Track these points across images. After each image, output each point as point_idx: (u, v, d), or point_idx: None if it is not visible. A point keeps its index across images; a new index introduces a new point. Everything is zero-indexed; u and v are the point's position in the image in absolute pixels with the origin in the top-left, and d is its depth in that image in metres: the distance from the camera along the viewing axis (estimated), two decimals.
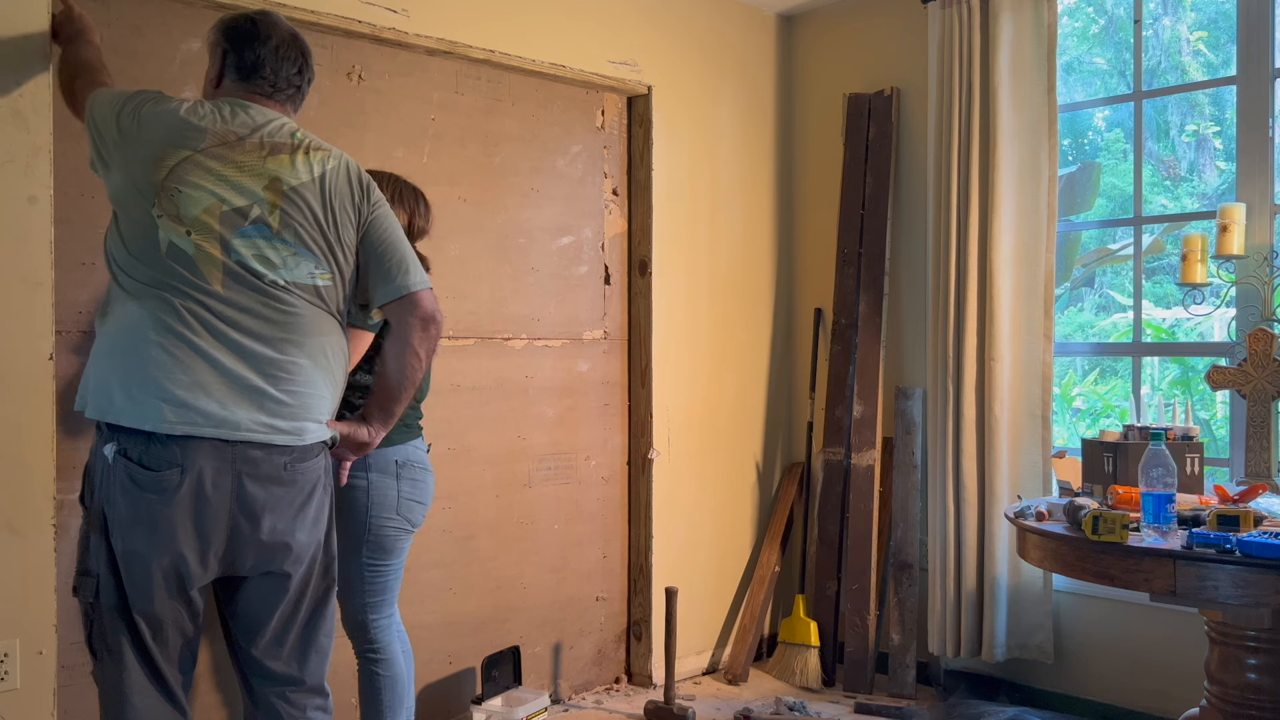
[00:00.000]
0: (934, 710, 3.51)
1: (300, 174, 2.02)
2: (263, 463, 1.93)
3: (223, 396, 1.89)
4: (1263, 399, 3.00)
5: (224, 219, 1.93)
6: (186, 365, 1.87)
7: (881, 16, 4.05)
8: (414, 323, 2.10)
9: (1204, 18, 6.30)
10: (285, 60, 2.10)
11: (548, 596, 3.65)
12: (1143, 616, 3.32)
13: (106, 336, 1.93)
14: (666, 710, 3.47)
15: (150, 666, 1.93)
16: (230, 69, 2.08)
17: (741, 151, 4.18)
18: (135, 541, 1.87)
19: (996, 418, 3.51)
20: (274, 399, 1.94)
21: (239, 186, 1.95)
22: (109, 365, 1.90)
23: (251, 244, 1.94)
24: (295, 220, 1.99)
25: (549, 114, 3.63)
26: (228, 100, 2.05)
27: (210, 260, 1.91)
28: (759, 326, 4.25)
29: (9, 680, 2.39)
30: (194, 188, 1.91)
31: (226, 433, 1.88)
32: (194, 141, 1.94)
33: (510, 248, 3.52)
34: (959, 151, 3.63)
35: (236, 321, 1.92)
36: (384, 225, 2.13)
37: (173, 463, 1.85)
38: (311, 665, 2.10)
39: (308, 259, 2.01)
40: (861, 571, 3.88)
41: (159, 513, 1.86)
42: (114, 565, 1.89)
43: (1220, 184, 6.27)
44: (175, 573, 1.90)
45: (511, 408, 3.53)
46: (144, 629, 1.91)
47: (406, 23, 3.14)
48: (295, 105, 2.15)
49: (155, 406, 1.85)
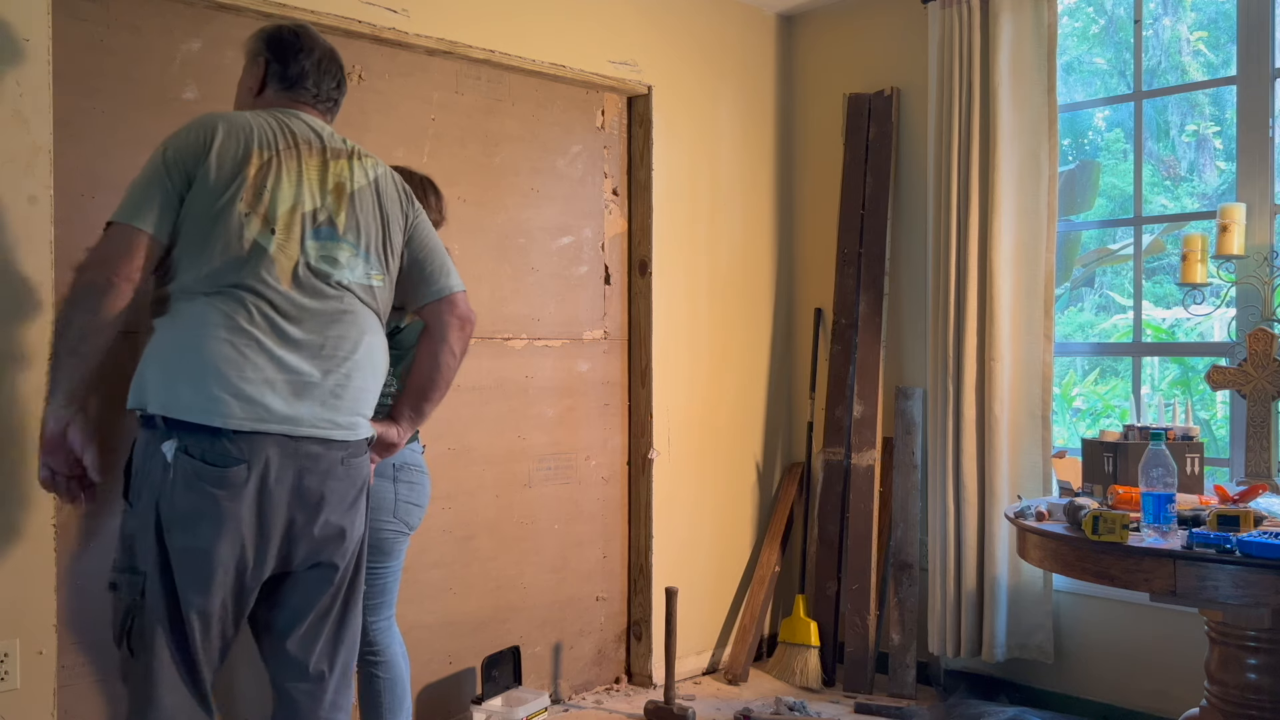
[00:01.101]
0: (934, 710, 3.51)
1: (358, 179, 2.10)
2: (322, 458, 1.98)
3: (287, 393, 1.93)
4: (1263, 399, 3.00)
5: (303, 219, 1.99)
6: (255, 363, 1.90)
7: (881, 16, 4.05)
8: (453, 322, 2.21)
9: (1204, 18, 6.30)
10: (326, 74, 2.16)
11: (548, 596, 3.65)
12: (1143, 616, 3.32)
13: (171, 334, 1.93)
14: (666, 710, 3.47)
15: (188, 665, 1.92)
16: (273, 79, 2.13)
17: (741, 151, 4.18)
18: (198, 538, 1.87)
19: (996, 418, 3.51)
20: (333, 395, 1.99)
21: (313, 188, 2.02)
22: (176, 362, 1.90)
23: (321, 245, 2.01)
24: (357, 223, 2.07)
25: (549, 114, 3.63)
26: (282, 110, 2.09)
27: (287, 259, 1.96)
28: (759, 326, 4.25)
29: (9, 680, 2.39)
30: (280, 187, 1.97)
31: (290, 428, 1.92)
32: (279, 143, 2.00)
33: (510, 248, 3.52)
34: (959, 151, 3.63)
35: (300, 320, 1.97)
36: (427, 229, 2.24)
37: (240, 458, 1.88)
38: (341, 659, 2.13)
39: (365, 261, 2.08)
40: (861, 571, 3.88)
41: (226, 509, 1.87)
42: (164, 563, 1.88)
43: (1220, 184, 6.27)
44: (235, 569, 1.91)
45: (511, 408, 3.53)
46: (194, 627, 1.90)
47: (406, 23, 3.14)
48: (332, 117, 2.21)
49: (226, 403, 1.87)
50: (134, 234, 1.89)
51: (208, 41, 2.82)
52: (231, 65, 2.86)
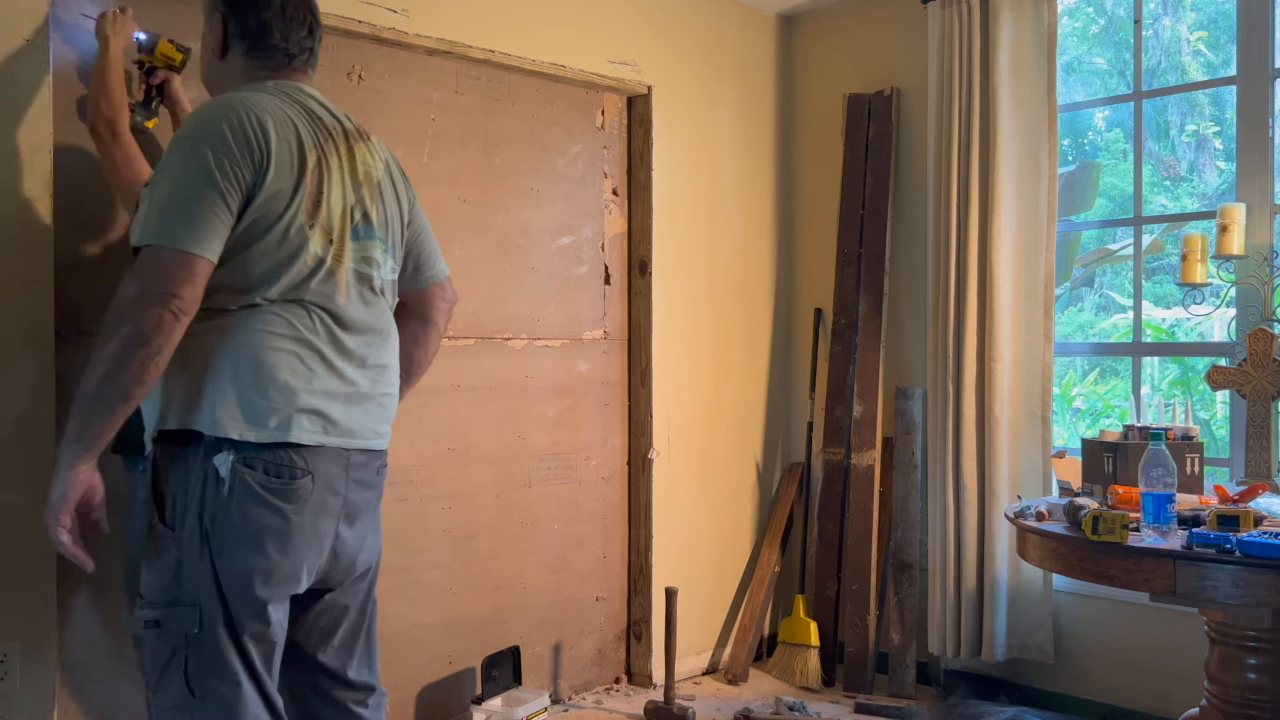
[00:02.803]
0: (934, 710, 3.51)
1: (377, 165, 1.92)
2: (364, 467, 1.88)
3: (345, 405, 1.82)
4: (1263, 399, 3.00)
5: (349, 220, 1.84)
6: (318, 374, 1.78)
7: (881, 16, 4.05)
8: (443, 307, 2.14)
9: (1204, 18, 6.30)
10: (294, 21, 1.88)
11: (548, 596, 3.65)
12: (1143, 616, 3.32)
13: (229, 347, 1.73)
14: (666, 710, 3.47)
15: (261, 691, 1.76)
16: (234, 38, 1.87)
17: (741, 151, 4.17)
18: (263, 556, 1.73)
19: (996, 418, 3.51)
20: (378, 404, 1.90)
21: (347, 183, 1.84)
22: (241, 375, 1.73)
23: (359, 245, 1.86)
24: (385, 215, 1.92)
25: (549, 114, 3.63)
26: (278, 85, 1.84)
27: (342, 268, 1.82)
28: (759, 326, 4.25)
29: (9, 680, 2.39)
30: (332, 192, 1.81)
31: (345, 440, 1.82)
32: (318, 136, 1.81)
33: (510, 248, 3.52)
34: (959, 151, 3.63)
35: (351, 329, 1.85)
36: (421, 211, 2.09)
37: (305, 470, 1.76)
38: (376, 665, 2.05)
39: (392, 255, 1.95)
40: (861, 571, 3.88)
41: (294, 523, 1.75)
42: (219, 588, 1.71)
43: (1220, 184, 6.27)
44: (290, 584, 1.79)
45: (511, 408, 3.53)
46: (253, 652, 1.75)
47: (406, 23, 3.14)
48: (312, 69, 1.94)
49: (293, 417, 1.74)
50: (193, 261, 1.64)
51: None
52: None
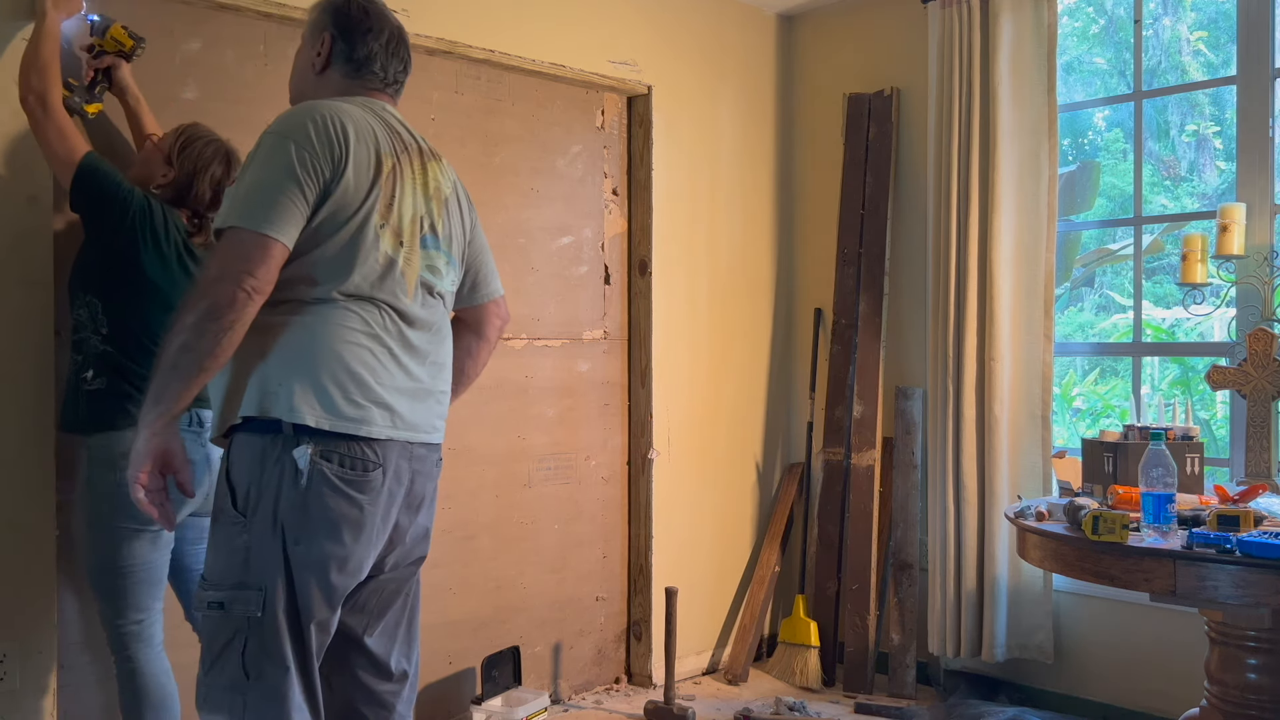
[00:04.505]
0: (934, 710, 3.51)
1: (445, 184, 2.04)
2: (425, 460, 1.98)
3: (411, 400, 1.91)
4: (1263, 399, 3.00)
5: (418, 228, 1.95)
6: (390, 370, 1.88)
7: (881, 16, 4.05)
8: (496, 323, 2.26)
9: (1204, 18, 6.30)
10: (394, 57, 2.03)
11: (548, 596, 3.65)
12: (1143, 616, 3.32)
13: (306, 339, 1.81)
14: (666, 710, 3.47)
15: (306, 681, 1.83)
16: (339, 59, 1.99)
17: (741, 151, 4.17)
18: (339, 546, 1.81)
19: (996, 418, 3.51)
20: (438, 400, 2.00)
21: (418, 195, 1.96)
22: (320, 366, 1.80)
23: (427, 254, 1.97)
24: (450, 230, 2.04)
25: (549, 114, 3.63)
26: (366, 101, 1.97)
27: (412, 271, 1.92)
28: (759, 326, 4.25)
29: (9, 680, 2.39)
30: (405, 197, 1.92)
31: (411, 434, 1.91)
32: (395, 145, 1.93)
33: (510, 248, 3.52)
34: (959, 151, 3.63)
35: (418, 327, 1.95)
36: (481, 232, 2.20)
37: (377, 463, 1.85)
38: (415, 657, 2.11)
39: (453, 268, 2.06)
40: (861, 571, 3.88)
41: (367, 513, 1.84)
42: (288, 575, 1.79)
43: (1220, 184, 6.27)
44: (359, 573, 1.88)
45: (511, 408, 3.53)
46: (312, 640, 1.83)
47: (406, 22, 3.09)
48: (398, 98, 2.09)
49: (368, 410, 1.83)
50: (270, 244, 1.74)
51: (207, 41, 2.82)
52: (231, 65, 2.87)
